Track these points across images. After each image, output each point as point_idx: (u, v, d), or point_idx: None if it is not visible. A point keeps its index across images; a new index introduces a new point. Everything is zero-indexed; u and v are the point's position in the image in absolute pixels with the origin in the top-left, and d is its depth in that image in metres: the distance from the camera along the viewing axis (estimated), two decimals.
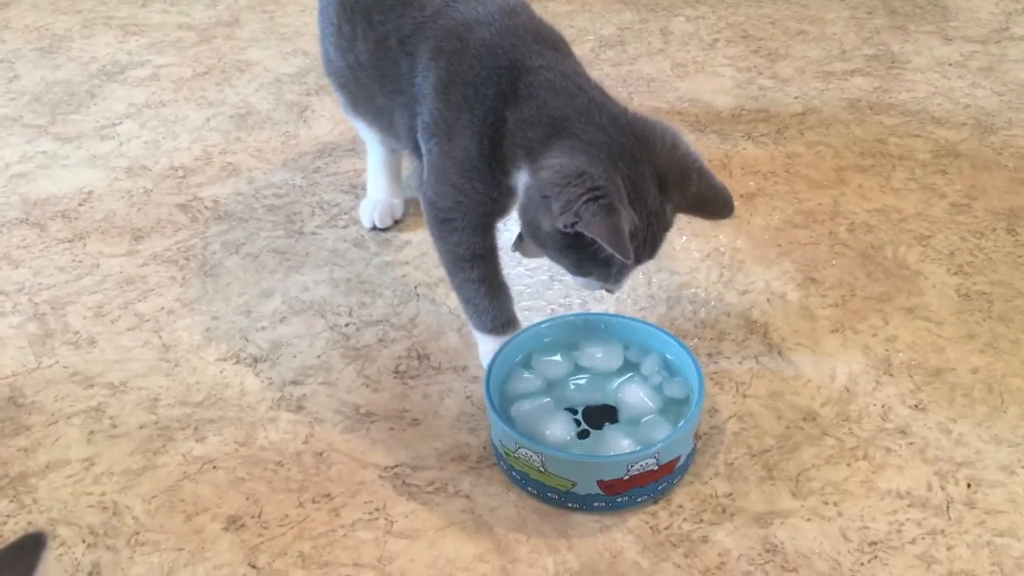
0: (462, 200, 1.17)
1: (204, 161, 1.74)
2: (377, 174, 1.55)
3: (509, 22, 1.16)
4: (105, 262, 1.50)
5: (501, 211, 1.19)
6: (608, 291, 1.14)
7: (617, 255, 0.98)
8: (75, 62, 2.13)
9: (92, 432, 1.20)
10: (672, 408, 1.12)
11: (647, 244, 1.05)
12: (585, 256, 1.05)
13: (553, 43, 1.17)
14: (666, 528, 1.05)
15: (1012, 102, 1.81)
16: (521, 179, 1.09)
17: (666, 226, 1.07)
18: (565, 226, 1.00)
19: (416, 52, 1.19)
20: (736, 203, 1.54)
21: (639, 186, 1.02)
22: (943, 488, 1.08)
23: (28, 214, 1.61)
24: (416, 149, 1.25)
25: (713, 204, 1.06)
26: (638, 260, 1.06)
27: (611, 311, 1.35)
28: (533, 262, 1.42)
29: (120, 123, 1.88)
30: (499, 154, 1.11)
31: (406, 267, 1.46)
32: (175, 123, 1.87)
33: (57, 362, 1.31)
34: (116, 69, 2.09)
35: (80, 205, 1.63)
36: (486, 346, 1.24)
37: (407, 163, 1.58)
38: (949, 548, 1.01)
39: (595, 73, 1.96)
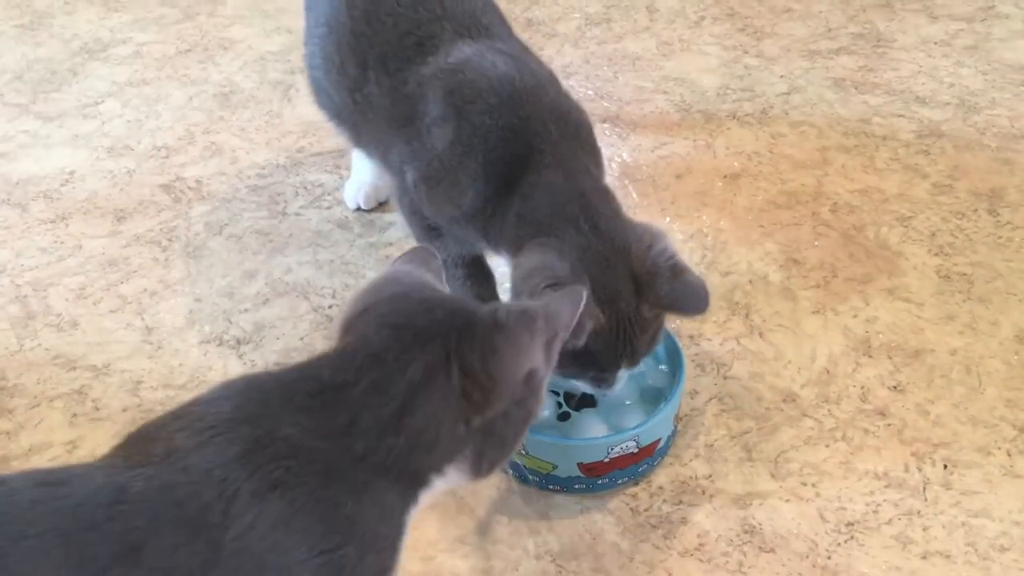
0: (453, 229, 1.19)
1: (187, 141, 1.74)
2: (361, 155, 1.55)
3: (537, 104, 1.13)
4: (87, 243, 1.49)
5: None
6: (603, 394, 1.11)
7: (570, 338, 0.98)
8: (57, 39, 2.11)
9: (75, 415, 1.20)
10: (652, 396, 1.13)
11: (625, 346, 1.03)
12: (565, 358, 1.05)
13: (573, 129, 1.15)
14: (646, 510, 1.06)
15: (996, 81, 1.81)
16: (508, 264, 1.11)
17: (645, 327, 1.04)
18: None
19: (434, 98, 1.16)
20: (720, 184, 1.56)
21: (608, 289, 1.01)
22: (920, 469, 1.09)
23: (9, 195, 1.60)
24: (400, 172, 1.23)
25: (686, 301, 1.03)
26: (617, 364, 1.04)
27: None
28: None
29: (102, 102, 1.87)
30: (491, 228, 1.11)
31: (390, 248, 1.46)
32: (158, 102, 1.86)
33: (39, 344, 1.31)
34: (98, 47, 2.08)
35: (62, 185, 1.62)
36: None
37: None
38: (925, 529, 1.03)
39: (579, 52, 1.97)
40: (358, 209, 1.53)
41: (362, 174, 1.54)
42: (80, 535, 0.60)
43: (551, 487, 1.08)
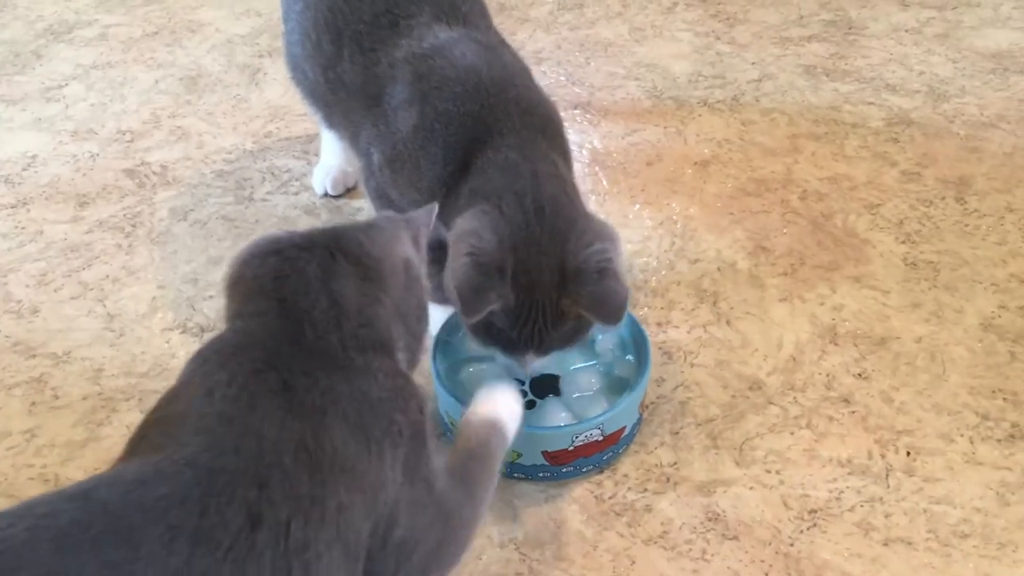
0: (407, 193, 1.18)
1: (152, 125, 1.71)
2: (331, 140, 1.53)
3: (503, 97, 1.12)
4: (49, 228, 1.47)
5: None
6: (520, 372, 1.12)
7: (462, 308, 0.99)
8: (21, 21, 2.07)
9: (34, 403, 1.18)
10: (619, 386, 1.13)
11: (532, 334, 1.03)
12: (476, 333, 1.06)
13: (539, 121, 1.14)
14: (610, 497, 1.06)
15: (966, 69, 1.82)
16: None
17: (560, 322, 1.04)
18: (451, 278, 1.03)
19: (403, 81, 1.16)
20: (690, 171, 1.56)
21: (530, 274, 1.01)
22: (883, 456, 1.09)
23: None
24: (367, 153, 1.23)
25: (599, 307, 1.02)
26: (522, 349, 1.04)
27: None
28: None
29: (66, 85, 1.84)
30: (447, 208, 1.11)
31: None
32: (123, 85, 1.83)
33: None
34: (63, 28, 2.04)
35: (24, 170, 1.60)
36: (435, 315, 1.24)
37: None
38: (887, 515, 1.03)
39: (552, 38, 1.96)
40: (326, 195, 1.52)
41: (330, 159, 1.53)
42: (199, 520, 0.60)
43: (516, 475, 1.07)
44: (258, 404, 0.68)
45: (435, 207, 0.94)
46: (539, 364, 1.08)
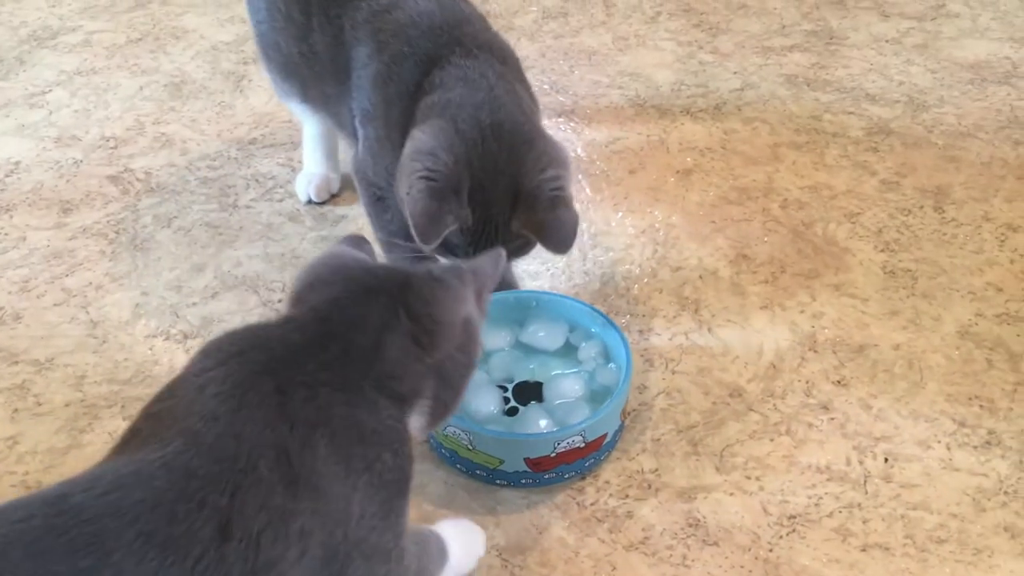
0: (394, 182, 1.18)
1: (136, 131, 1.71)
2: (314, 148, 1.53)
3: (457, 32, 1.16)
4: (32, 235, 1.47)
5: None
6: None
7: (419, 235, 1.01)
8: (3, 26, 2.07)
9: (16, 410, 1.18)
10: (600, 394, 1.13)
11: (481, 247, 1.06)
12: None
13: (499, 54, 1.17)
14: (592, 504, 1.06)
15: (944, 79, 1.84)
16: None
17: (508, 240, 1.06)
18: (405, 194, 1.04)
19: (364, 40, 1.19)
20: (672, 179, 1.57)
21: (487, 193, 1.03)
22: (861, 463, 1.11)
23: None
24: (355, 133, 1.25)
25: (551, 234, 1.05)
26: (468, 255, 1.06)
27: (546, 287, 1.36)
28: None
29: (50, 91, 1.84)
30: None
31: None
32: (107, 91, 1.83)
33: None
34: (47, 34, 2.04)
35: (7, 176, 1.59)
36: None
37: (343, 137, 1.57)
38: (865, 521, 1.04)
39: (536, 46, 1.97)
40: (309, 202, 1.52)
41: (313, 167, 1.53)
42: (169, 527, 0.59)
43: (498, 482, 1.08)
44: (246, 406, 0.67)
45: (502, 254, 0.91)
46: None
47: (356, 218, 1.49)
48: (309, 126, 1.52)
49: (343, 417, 0.71)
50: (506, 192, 1.04)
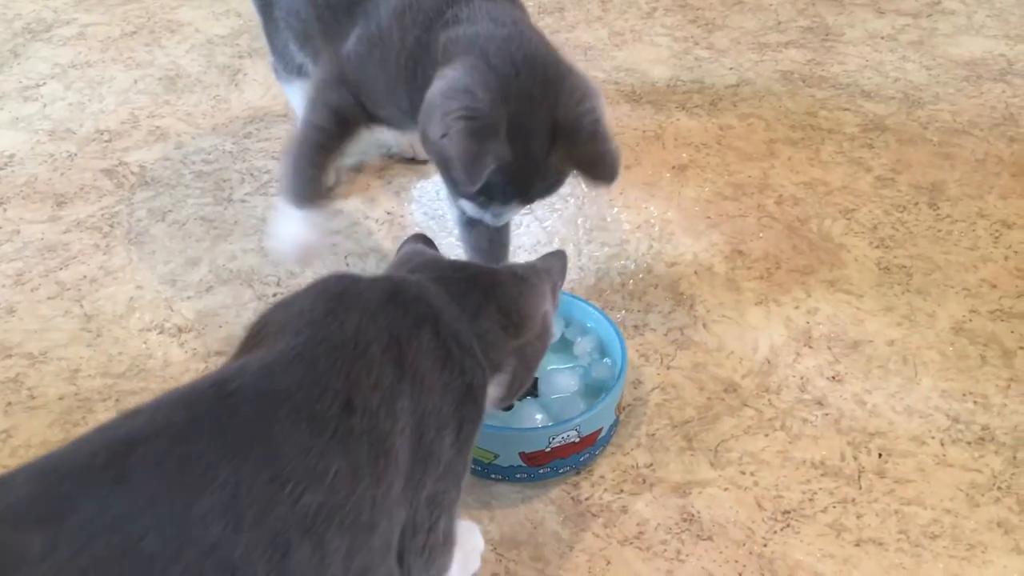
0: (370, 88, 1.16)
1: (131, 125, 1.71)
2: None
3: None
4: (26, 228, 1.46)
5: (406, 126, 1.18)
6: (489, 223, 1.14)
7: (463, 178, 0.99)
8: None
9: (10, 403, 1.18)
10: (595, 389, 1.13)
11: (522, 186, 1.05)
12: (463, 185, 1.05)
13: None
14: (587, 499, 1.07)
15: (940, 76, 1.84)
16: (429, 92, 1.09)
17: (546, 176, 1.05)
18: (440, 136, 1.02)
19: None
20: (668, 175, 1.57)
21: (525, 127, 1.01)
22: (855, 458, 1.11)
23: None
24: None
25: (596, 167, 1.04)
26: (509, 199, 1.06)
27: None
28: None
29: (44, 84, 1.83)
30: (424, 73, 1.09)
31: (336, 236, 1.45)
32: (101, 85, 1.82)
33: None
34: (41, 27, 2.03)
35: (0, 169, 1.59)
36: (285, 216, 1.21)
37: None
38: (859, 516, 1.04)
39: None
40: None
41: None
42: (309, 405, 0.67)
43: (493, 476, 1.08)
44: (363, 301, 0.76)
45: (566, 257, 1.02)
46: (510, 216, 1.12)
47: (351, 212, 1.49)
48: None
49: (448, 324, 0.79)
50: (544, 126, 1.02)
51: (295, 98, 1.51)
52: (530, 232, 1.45)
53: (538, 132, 1.02)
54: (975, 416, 1.16)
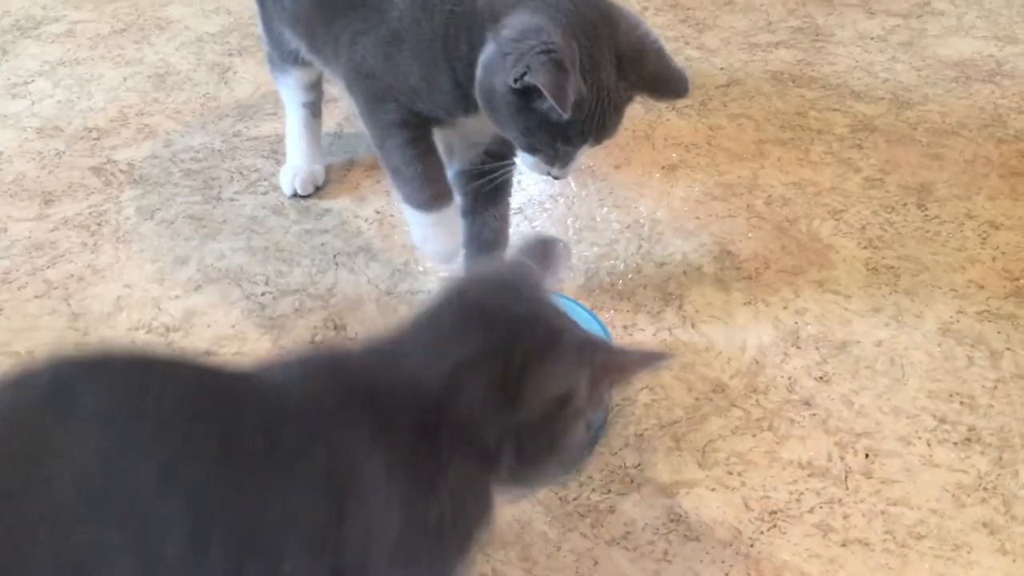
0: (415, 89, 1.16)
1: (120, 123, 1.70)
2: (297, 139, 1.53)
3: None
4: (13, 226, 1.45)
5: (450, 121, 1.18)
6: (554, 177, 1.15)
7: (556, 108, 0.99)
8: None
9: None
10: None
11: (597, 121, 1.06)
12: (533, 124, 1.06)
13: None
14: (575, 499, 1.07)
15: (929, 77, 1.85)
16: (484, 54, 1.08)
17: (619, 106, 1.08)
18: (515, 79, 1.01)
19: None
20: (658, 175, 1.57)
21: (595, 59, 1.03)
22: (842, 458, 1.11)
23: None
24: (352, 50, 1.20)
25: (668, 84, 1.08)
26: (585, 138, 1.07)
27: None
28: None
29: (32, 81, 1.82)
30: (468, 41, 1.09)
31: (325, 235, 1.44)
32: (90, 82, 1.82)
33: None
34: (30, 24, 2.02)
35: None
36: (416, 221, 1.23)
37: (327, 127, 1.57)
38: (845, 517, 1.05)
39: None
40: (294, 195, 1.52)
41: (297, 159, 1.53)
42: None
43: None
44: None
45: (663, 359, 0.81)
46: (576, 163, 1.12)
47: (340, 211, 1.49)
48: (293, 115, 1.52)
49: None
50: (609, 56, 1.04)
51: (286, 91, 1.50)
52: (520, 232, 1.45)
53: (605, 63, 1.04)
54: (962, 417, 1.16)
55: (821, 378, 1.21)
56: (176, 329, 1.28)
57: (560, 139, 1.07)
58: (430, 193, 1.20)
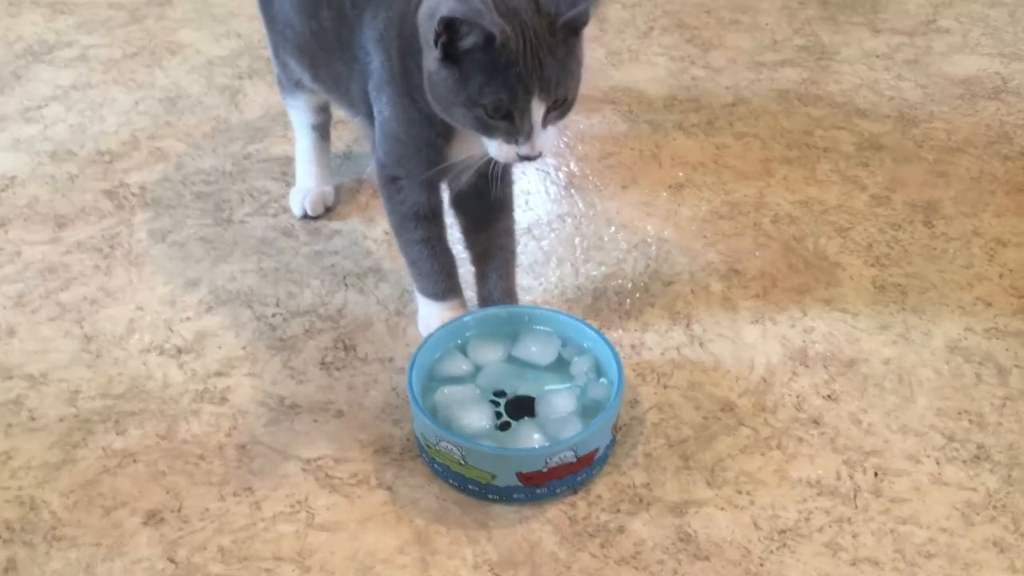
0: (406, 153, 1.20)
1: (132, 146, 1.72)
2: (306, 162, 1.55)
3: None
4: (27, 250, 1.47)
5: (440, 158, 1.19)
6: (526, 157, 1.10)
7: (477, 25, 0.99)
8: (0, 41, 2.07)
9: (10, 425, 1.18)
10: (593, 410, 1.14)
11: (532, 63, 1.03)
12: (475, 90, 1.05)
13: None
14: (584, 519, 1.07)
15: (935, 95, 1.86)
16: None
17: (553, 48, 1.03)
18: (435, 38, 1.02)
19: (364, 13, 1.20)
20: (665, 194, 1.58)
21: (509, 4, 1.02)
22: (851, 477, 1.11)
23: None
24: (370, 114, 1.25)
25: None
26: (528, 87, 1.04)
27: (539, 301, 1.36)
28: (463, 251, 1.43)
29: (46, 105, 1.84)
30: (418, 65, 1.11)
31: (335, 257, 1.46)
32: (103, 106, 1.84)
33: None
34: (43, 49, 2.05)
35: (2, 191, 1.60)
36: (426, 309, 1.29)
37: (336, 148, 1.58)
38: (855, 536, 1.05)
39: None
40: (304, 216, 1.53)
41: (307, 181, 1.54)
42: None
43: (490, 496, 1.08)
44: None
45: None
46: (545, 141, 1.09)
47: (349, 232, 1.50)
48: (302, 137, 1.54)
49: None
50: (527, 3, 1.03)
51: (295, 114, 1.52)
52: (527, 251, 1.46)
53: (522, 7, 1.03)
54: (970, 435, 1.16)
55: (829, 396, 1.22)
56: (188, 351, 1.29)
57: (507, 97, 1.04)
58: (444, 286, 1.28)
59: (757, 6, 2.21)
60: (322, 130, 1.54)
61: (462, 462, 1.06)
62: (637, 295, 1.38)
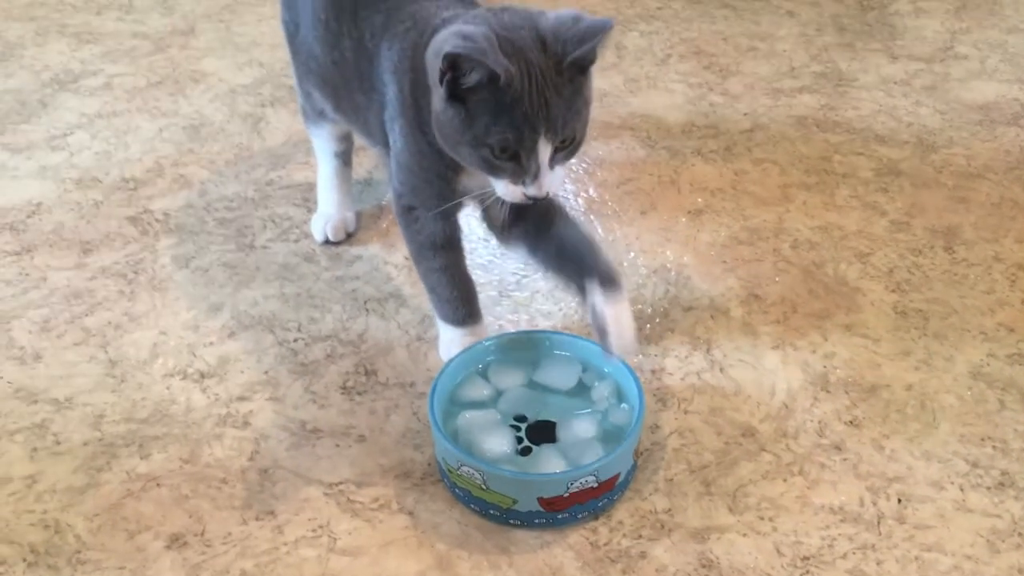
0: (419, 184, 1.21)
1: (156, 173, 1.74)
2: (328, 188, 1.56)
3: (465, 11, 1.18)
4: (52, 275, 1.49)
5: (451, 190, 1.20)
6: (532, 198, 1.10)
7: (482, 64, 1.00)
8: (27, 70, 2.11)
9: (35, 449, 1.20)
10: (614, 436, 1.14)
11: (538, 102, 1.03)
12: (481, 130, 1.05)
13: None
14: (605, 544, 1.07)
15: (953, 121, 1.86)
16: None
17: (559, 87, 1.04)
18: (441, 76, 1.03)
19: (381, 44, 1.22)
20: (684, 219, 1.59)
21: (515, 44, 1.03)
22: (875, 503, 1.11)
23: None
24: (387, 144, 1.26)
25: (590, 31, 1.04)
26: (535, 126, 1.04)
27: (559, 327, 1.37)
28: (483, 276, 1.43)
29: (71, 133, 1.87)
30: (428, 104, 1.13)
31: (356, 282, 1.47)
32: (127, 133, 1.87)
33: (1, 378, 1.30)
34: (69, 78, 2.08)
35: (28, 217, 1.62)
36: (447, 335, 1.29)
37: (358, 174, 1.59)
38: (879, 563, 1.04)
39: None
40: (326, 242, 1.54)
41: (328, 207, 1.56)
42: None
43: (512, 522, 1.08)
44: None
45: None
46: (552, 181, 1.09)
47: (371, 258, 1.51)
48: (324, 163, 1.55)
49: None
50: (533, 41, 1.04)
51: (318, 142, 1.54)
52: (548, 277, 1.46)
53: (529, 46, 1.04)
54: (994, 461, 1.15)
55: (851, 422, 1.21)
56: (211, 375, 1.30)
57: (513, 137, 1.04)
58: (465, 312, 1.28)
59: (774, 33, 2.23)
60: (344, 157, 1.55)
61: (483, 487, 1.06)
62: (657, 320, 1.38)
